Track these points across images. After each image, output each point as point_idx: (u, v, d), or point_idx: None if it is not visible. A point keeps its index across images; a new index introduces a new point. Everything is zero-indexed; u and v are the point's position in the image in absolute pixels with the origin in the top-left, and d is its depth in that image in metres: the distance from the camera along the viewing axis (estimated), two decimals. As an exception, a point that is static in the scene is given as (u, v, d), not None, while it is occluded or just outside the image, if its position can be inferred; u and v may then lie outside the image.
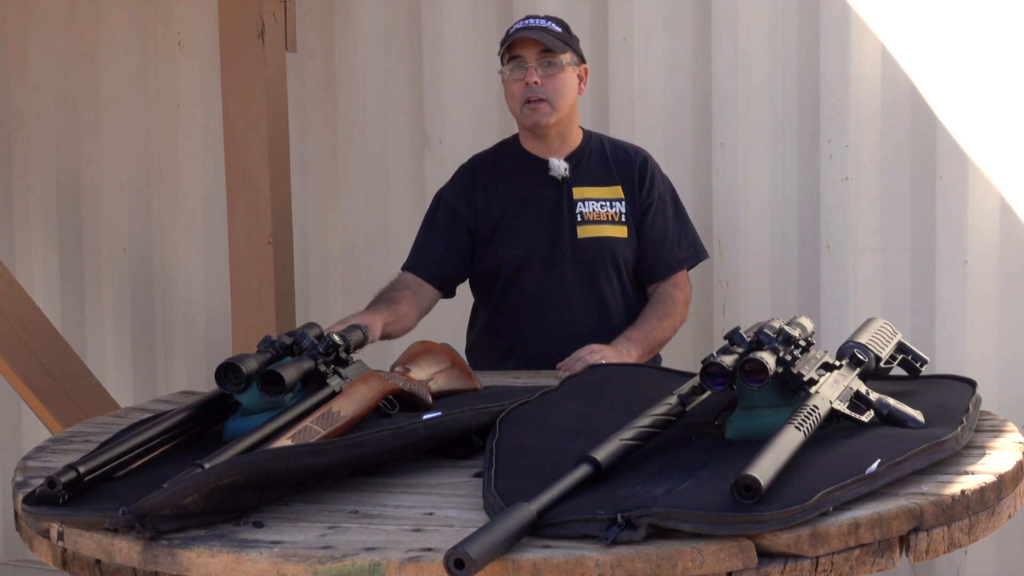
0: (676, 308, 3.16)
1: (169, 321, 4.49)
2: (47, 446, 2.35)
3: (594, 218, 3.15)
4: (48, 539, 1.90)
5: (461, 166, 3.32)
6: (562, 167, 3.17)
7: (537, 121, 3.12)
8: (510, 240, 3.17)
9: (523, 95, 3.10)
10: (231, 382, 2.14)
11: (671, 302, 3.16)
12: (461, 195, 3.23)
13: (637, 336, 3.06)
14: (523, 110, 3.12)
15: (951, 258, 3.35)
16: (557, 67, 3.10)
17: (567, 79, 3.12)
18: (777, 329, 2.05)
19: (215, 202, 4.26)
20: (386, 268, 4.09)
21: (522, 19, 3.20)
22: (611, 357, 2.90)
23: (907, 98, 3.38)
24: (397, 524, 1.79)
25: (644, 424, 1.96)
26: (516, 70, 3.11)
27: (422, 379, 2.39)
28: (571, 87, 3.14)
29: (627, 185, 3.18)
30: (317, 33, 4.12)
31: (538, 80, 3.08)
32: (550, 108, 3.10)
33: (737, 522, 1.65)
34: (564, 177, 3.16)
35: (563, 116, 3.14)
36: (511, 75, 3.12)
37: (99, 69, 4.50)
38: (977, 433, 2.15)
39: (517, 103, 3.13)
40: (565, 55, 3.11)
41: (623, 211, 3.16)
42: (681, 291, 3.20)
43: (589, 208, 3.15)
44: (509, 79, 3.13)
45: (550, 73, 3.10)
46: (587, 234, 3.14)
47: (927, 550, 1.78)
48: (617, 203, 3.17)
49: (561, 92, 3.11)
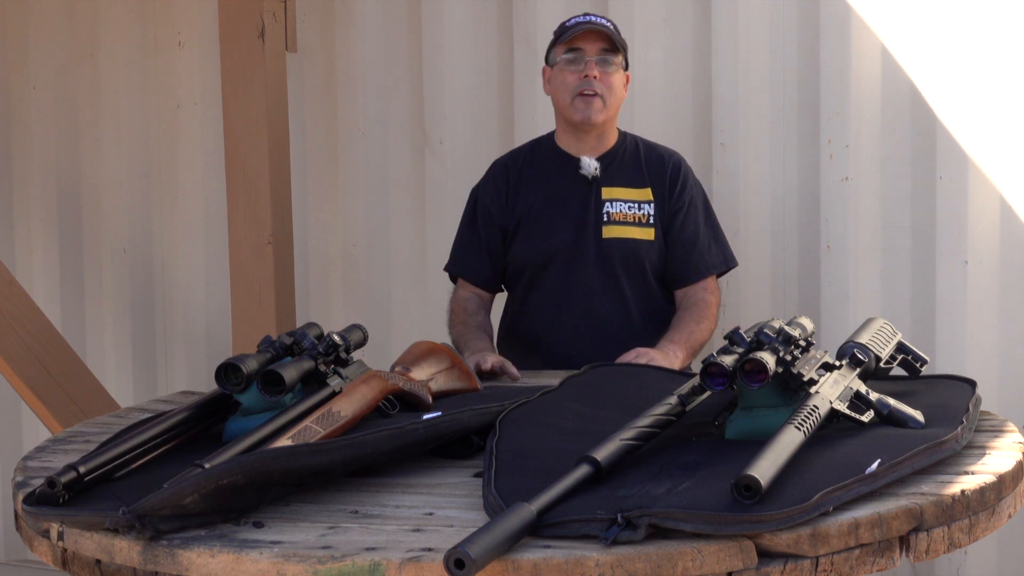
0: (710, 311, 3.14)
1: (169, 321, 4.49)
2: (47, 446, 2.35)
3: (620, 219, 3.15)
4: (48, 539, 1.90)
5: (494, 162, 3.33)
6: (592, 166, 3.16)
7: (588, 116, 3.11)
8: (537, 236, 3.17)
9: (578, 86, 3.09)
10: (231, 382, 2.14)
11: (704, 305, 3.14)
12: (493, 194, 3.24)
13: (680, 339, 3.05)
14: (575, 102, 3.11)
15: (951, 258, 3.35)
16: (614, 66, 3.11)
17: (619, 80, 3.14)
18: (777, 329, 2.05)
19: (215, 202, 4.26)
20: (386, 268, 4.10)
21: (581, 15, 3.19)
22: (659, 361, 2.89)
23: (907, 98, 3.38)
24: (397, 524, 1.79)
25: (644, 424, 1.96)
26: (575, 61, 3.10)
27: (422, 379, 2.39)
28: (621, 89, 3.15)
29: (658, 188, 3.18)
30: (317, 33, 4.12)
31: (596, 75, 3.08)
32: (602, 105, 3.10)
33: (737, 522, 1.65)
34: (594, 176, 3.16)
35: (611, 116, 3.15)
36: (568, 65, 3.11)
37: (99, 69, 4.50)
38: (977, 433, 2.15)
39: (568, 94, 3.11)
40: (619, 57, 3.12)
41: (651, 213, 3.15)
42: (712, 295, 3.18)
43: (616, 208, 3.15)
44: (564, 68, 3.12)
45: (607, 71, 3.10)
46: (612, 234, 3.14)
47: (927, 550, 1.78)
48: (646, 205, 3.16)
49: (614, 91, 3.12)
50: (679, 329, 3.08)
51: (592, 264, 3.13)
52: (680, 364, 2.97)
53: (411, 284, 4.05)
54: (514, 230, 3.20)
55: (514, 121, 3.85)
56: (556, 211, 3.17)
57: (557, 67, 3.14)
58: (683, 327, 3.09)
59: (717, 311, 3.19)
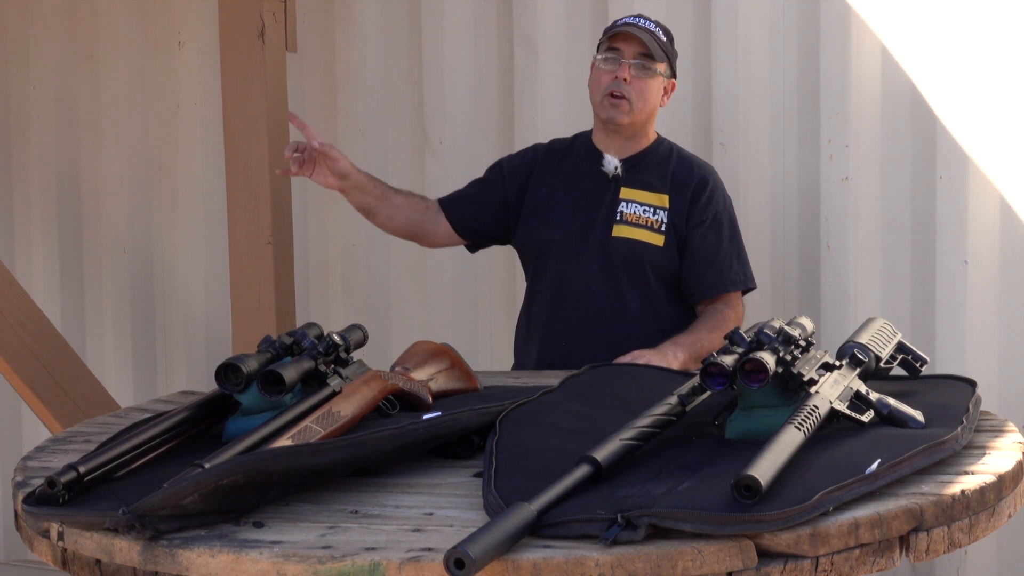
0: (726, 323, 3.10)
1: (169, 321, 4.49)
2: (47, 446, 2.35)
3: (633, 220, 3.14)
4: (48, 539, 1.90)
5: (536, 144, 3.36)
6: (613, 164, 3.16)
7: (612, 117, 3.11)
8: (544, 222, 3.18)
9: (608, 87, 3.10)
10: (231, 382, 2.14)
11: (721, 316, 3.13)
12: (517, 165, 3.27)
13: (684, 341, 3.04)
14: (603, 101, 3.12)
15: (951, 258, 3.35)
16: (650, 72, 3.10)
17: (655, 86, 3.12)
18: (777, 329, 2.05)
19: (215, 202, 4.26)
20: (386, 268, 4.10)
21: (632, 15, 3.19)
22: (655, 361, 2.89)
23: (907, 98, 3.38)
24: (397, 524, 1.79)
25: (644, 424, 1.96)
26: (610, 61, 3.10)
27: (422, 379, 2.39)
28: (655, 95, 3.14)
29: (677, 197, 3.15)
30: (317, 33, 4.12)
31: (627, 78, 3.08)
32: (629, 107, 3.10)
33: (737, 522, 1.65)
34: (615, 175, 3.16)
35: (638, 120, 3.14)
36: (604, 64, 3.11)
37: (99, 69, 4.50)
38: (977, 433, 2.15)
39: (600, 92, 3.12)
40: (661, 64, 3.11)
41: (664, 220, 3.14)
42: (733, 310, 3.15)
43: (631, 210, 3.14)
44: (600, 66, 3.12)
45: (641, 76, 3.09)
46: (620, 234, 3.13)
47: (927, 550, 1.78)
48: (661, 211, 3.15)
49: (644, 97, 3.11)
50: (687, 333, 3.08)
51: (593, 259, 3.13)
52: (679, 365, 2.96)
53: (411, 284, 4.05)
54: (530, 211, 3.21)
55: (514, 121, 3.85)
56: (569, 201, 3.18)
57: (596, 64, 3.15)
58: (693, 332, 3.09)
59: (731, 325, 3.11)
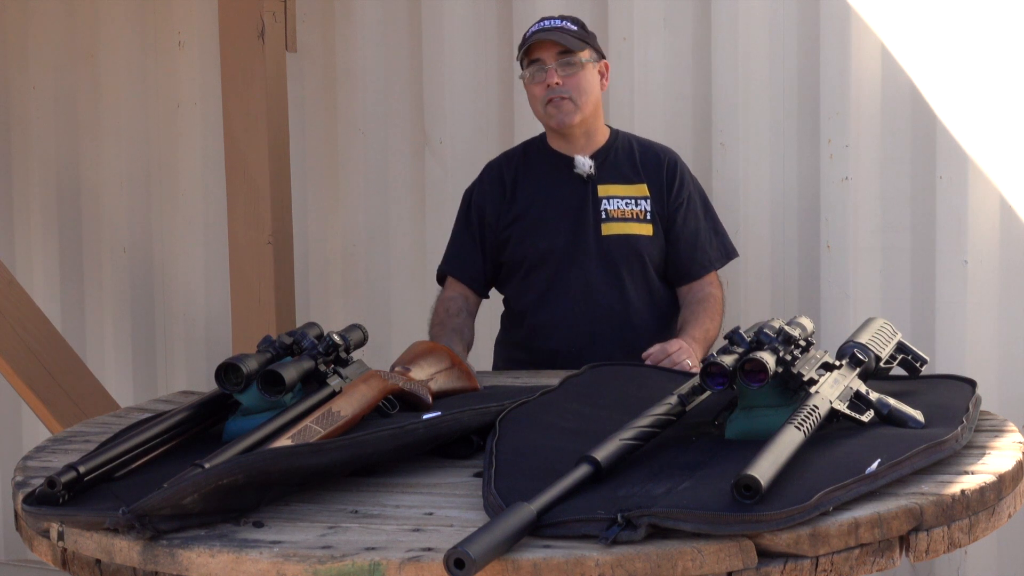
0: (719, 306, 3.17)
1: (169, 321, 4.49)
2: (47, 446, 2.35)
3: (619, 215, 3.14)
4: (48, 539, 1.90)
5: (488, 163, 3.33)
6: (587, 164, 3.16)
7: (562, 120, 3.10)
8: (532, 235, 3.17)
9: (545, 96, 3.09)
10: (231, 382, 2.15)
11: (713, 300, 3.17)
12: (487, 194, 3.24)
13: (701, 337, 3.06)
14: (547, 110, 3.10)
15: (951, 258, 3.35)
16: (577, 66, 3.08)
17: (589, 76, 3.11)
18: (777, 329, 2.05)
19: (215, 202, 4.26)
20: (386, 268, 4.10)
21: (536, 22, 3.18)
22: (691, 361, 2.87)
23: (907, 98, 3.38)
24: (397, 524, 1.79)
25: (644, 424, 1.96)
26: (537, 73, 3.09)
27: (422, 379, 2.39)
28: (593, 84, 3.12)
29: (654, 185, 3.17)
30: (317, 33, 4.12)
31: (559, 81, 3.07)
32: (574, 106, 3.09)
33: (737, 522, 1.65)
34: (589, 175, 3.16)
35: (588, 114, 3.13)
36: (532, 79, 3.10)
37: (99, 69, 4.50)
38: (977, 433, 2.15)
39: (540, 105, 3.11)
40: (584, 52, 3.09)
41: (648, 209, 3.15)
42: (717, 289, 3.20)
43: (614, 205, 3.15)
44: (530, 83, 3.12)
45: (570, 72, 3.08)
46: (612, 231, 3.14)
47: (927, 550, 1.78)
48: (642, 201, 3.16)
49: (583, 90, 3.09)
50: (697, 327, 3.08)
51: (594, 261, 3.13)
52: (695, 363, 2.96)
53: (411, 284, 4.05)
54: (510, 231, 3.19)
55: (514, 121, 3.84)
56: (553, 211, 3.16)
57: (526, 80, 3.14)
58: (699, 324, 3.09)
59: (723, 305, 3.20)
